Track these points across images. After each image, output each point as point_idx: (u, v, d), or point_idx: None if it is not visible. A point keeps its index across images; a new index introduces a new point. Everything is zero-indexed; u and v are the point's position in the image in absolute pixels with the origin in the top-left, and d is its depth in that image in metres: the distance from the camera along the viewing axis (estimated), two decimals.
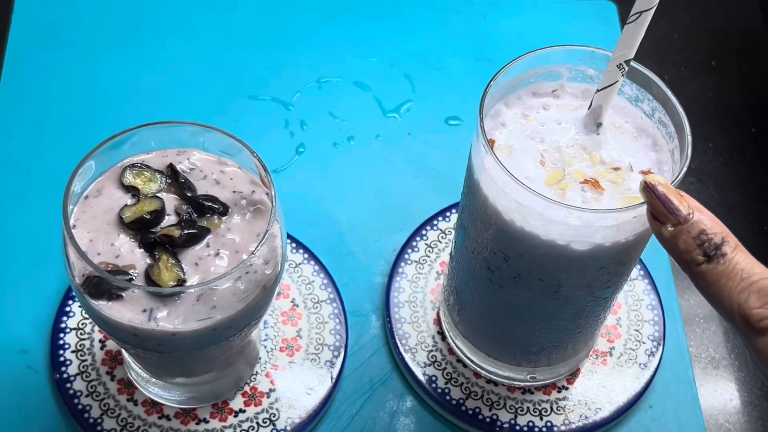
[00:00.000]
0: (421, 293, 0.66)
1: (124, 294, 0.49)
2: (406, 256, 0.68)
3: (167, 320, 0.49)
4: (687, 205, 0.44)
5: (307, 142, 0.73)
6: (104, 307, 0.49)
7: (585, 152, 0.52)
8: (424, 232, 0.69)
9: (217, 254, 0.51)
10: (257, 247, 0.49)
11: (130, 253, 0.50)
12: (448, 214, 0.69)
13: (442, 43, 0.79)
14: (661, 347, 0.65)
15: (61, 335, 0.62)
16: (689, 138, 0.50)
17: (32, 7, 0.78)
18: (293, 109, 0.75)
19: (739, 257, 0.43)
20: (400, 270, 0.67)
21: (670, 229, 0.44)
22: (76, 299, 0.63)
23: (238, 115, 0.74)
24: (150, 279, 0.49)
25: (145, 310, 0.49)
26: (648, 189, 0.45)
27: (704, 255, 0.43)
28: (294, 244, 0.67)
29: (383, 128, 0.75)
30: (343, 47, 0.78)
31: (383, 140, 0.74)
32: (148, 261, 0.50)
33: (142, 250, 0.50)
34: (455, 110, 0.76)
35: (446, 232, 0.69)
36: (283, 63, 0.77)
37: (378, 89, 0.76)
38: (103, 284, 0.49)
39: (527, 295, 0.54)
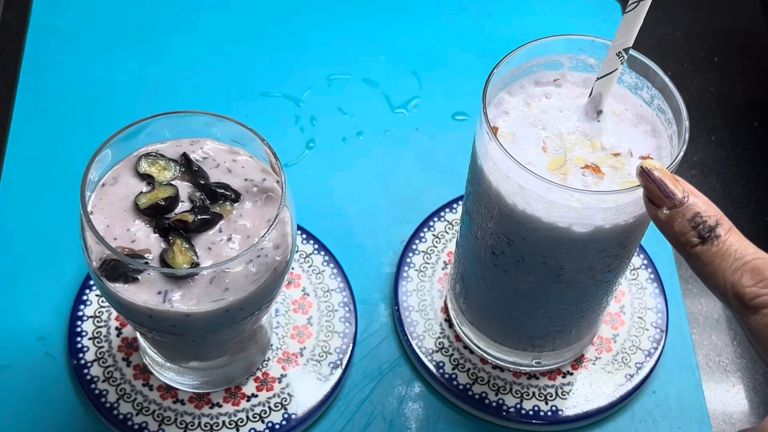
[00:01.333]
0: (429, 282, 0.68)
1: (139, 277, 0.51)
2: (414, 247, 0.69)
3: (181, 302, 0.50)
4: (682, 189, 0.45)
5: (317, 137, 0.75)
6: (120, 289, 0.51)
7: (586, 139, 0.53)
8: (431, 223, 0.70)
9: (229, 239, 0.52)
10: (268, 230, 0.51)
11: (146, 238, 0.52)
12: (454, 206, 0.71)
13: (449, 41, 0.81)
14: (664, 334, 0.66)
15: (79, 323, 0.64)
16: (686, 123, 0.51)
17: (49, 7, 0.80)
18: (303, 106, 0.77)
19: (732, 238, 0.44)
20: (408, 260, 0.69)
21: (665, 212, 0.45)
22: (93, 284, 0.65)
23: (249, 111, 0.76)
24: (165, 262, 0.51)
25: (160, 292, 0.51)
26: (644, 174, 0.46)
27: (699, 237, 0.44)
28: (305, 235, 0.68)
29: (391, 123, 0.76)
30: (352, 45, 0.80)
31: (391, 135, 0.76)
32: (163, 245, 0.52)
33: (156, 235, 0.52)
34: (461, 106, 0.77)
35: (453, 223, 0.70)
36: (293, 61, 0.79)
37: (386, 86, 0.78)
38: (120, 267, 0.51)
39: (531, 278, 0.55)
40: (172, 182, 0.54)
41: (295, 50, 0.80)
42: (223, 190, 0.53)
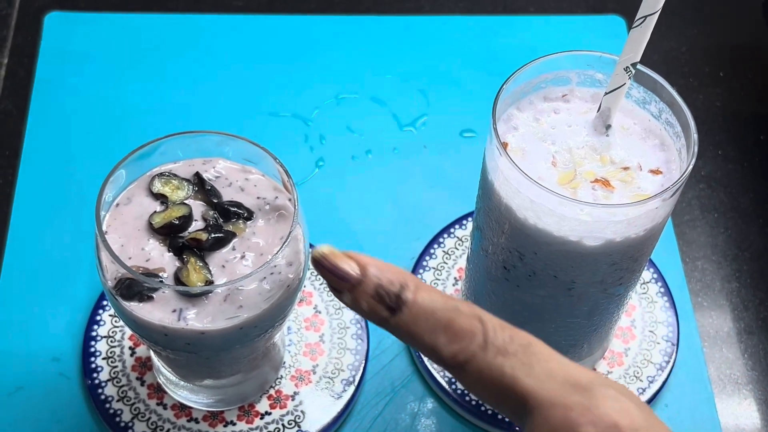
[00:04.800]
0: None
1: (154, 295, 0.51)
2: (424, 263, 0.69)
3: (196, 320, 0.51)
4: (355, 265, 0.42)
5: (327, 155, 0.76)
6: (135, 308, 0.51)
7: (595, 153, 0.54)
8: (441, 239, 0.71)
9: (242, 257, 0.53)
10: (281, 248, 0.51)
11: (160, 257, 0.52)
12: (464, 222, 0.71)
13: (456, 59, 0.82)
14: (675, 348, 0.66)
15: (92, 343, 0.64)
16: (695, 136, 0.52)
17: (59, 31, 0.81)
18: (312, 125, 0.77)
19: (420, 298, 0.42)
20: (419, 276, 0.69)
21: (349, 295, 0.43)
22: (107, 304, 0.65)
23: (259, 131, 0.77)
24: (179, 281, 0.51)
25: (174, 310, 0.51)
26: (316, 264, 0.44)
27: (388, 309, 0.42)
28: None
29: (400, 141, 0.77)
30: (360, 65, 0.81)
31: (400, 153, 0.76)
32: (177, 264, 0.52)
33: (171, 253, 0.52)
34: (469, 123, 0.78)
35: (463, 239, 0.71)
36: (302, 81, 0.80)
37: (394, 104, 0.79)
38: (135, 286, 0.51)
39: (542, 292, 0.56)
40: (186, 201, 0.54)
41: (303, 70, 0.80)
42: (236, 209, 0.54)
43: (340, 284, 0.43)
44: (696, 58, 0.84)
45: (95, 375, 0.63)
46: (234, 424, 0.62)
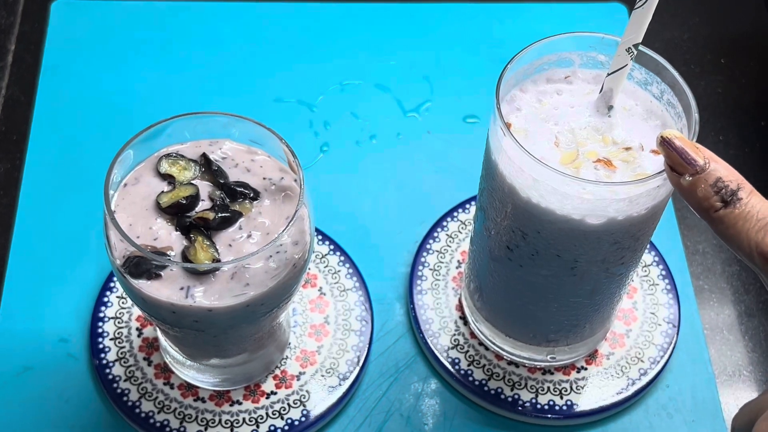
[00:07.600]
0: (443, 281, 0.69)
1: (162, 273, 0.52)
2: (428, 247, 0.70)
3: (204, 297, 0.52)
4: (703, 155, 0.46)
5: (331, 141, 0.76)
6: (144, 285, 0.52)
7: (597, 134, 0.54)
8: (444, 223, 0.71)
9: (249, 236, 0.53)
10: (287, 226, 0.52)
11: (168, 236, 0.53)
12: (467, 206, 0.72)
13: (459, 47, 0.82)
14: (676, 329, 0.67)
15: (100, 324, 0.65)
16: (696, 116, 0.52)
17: (65, 18, 0.82)
18: (317, 111, 0.78)
19: (754, 200, 0.46)
20: (422, 260, 0.70)
21: (688, 179, 0.46)
22: (115, 283, 0.66)
23: (264, 117, 0.75)
24: (187, 259, 0.52)
25: (182, 288, 0.52)
26: (665, 143, 0.47)
27: (722, 201, 0.46)
28: (320, 237, 0.70)
29: (403, 127, 0.78)
30: (364, 52, 0.82)
31: (404, 138, 0.77)
32: (185, 243, 0.53)
33: (178, 232, 0.53)
34: (472, 109, 0.79)
35: (466, 223, 0.71)
36: (306, 67, 0.80)
37: (398, 90, 0.79)
38: (143, 264, 0.52)
39: (545, 272, 0.56)
40: (193, 182, 0.55)
41: (308, 57, 0.81)
42: (242, 189, 0.55)
43: (684, 167, 0.47)
44: (698, 45, 0.85)
45: (103, 355, 0.64)
46: (240, 404, 0.63)
